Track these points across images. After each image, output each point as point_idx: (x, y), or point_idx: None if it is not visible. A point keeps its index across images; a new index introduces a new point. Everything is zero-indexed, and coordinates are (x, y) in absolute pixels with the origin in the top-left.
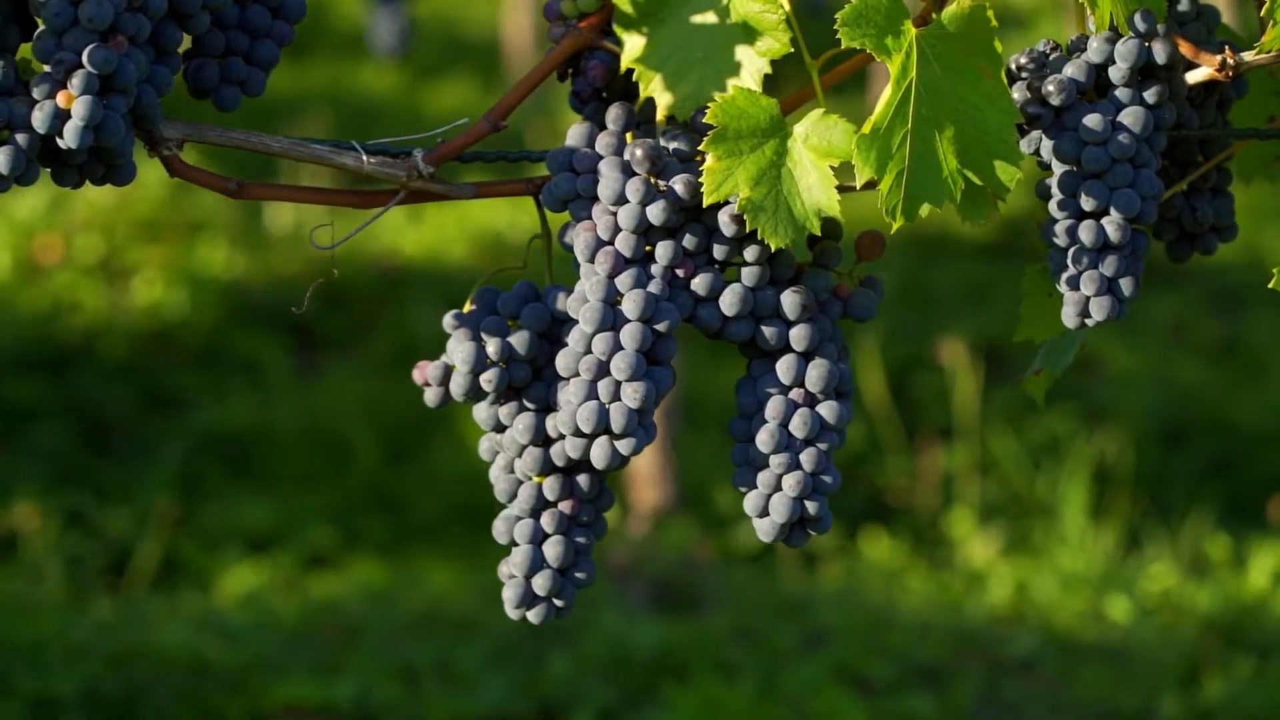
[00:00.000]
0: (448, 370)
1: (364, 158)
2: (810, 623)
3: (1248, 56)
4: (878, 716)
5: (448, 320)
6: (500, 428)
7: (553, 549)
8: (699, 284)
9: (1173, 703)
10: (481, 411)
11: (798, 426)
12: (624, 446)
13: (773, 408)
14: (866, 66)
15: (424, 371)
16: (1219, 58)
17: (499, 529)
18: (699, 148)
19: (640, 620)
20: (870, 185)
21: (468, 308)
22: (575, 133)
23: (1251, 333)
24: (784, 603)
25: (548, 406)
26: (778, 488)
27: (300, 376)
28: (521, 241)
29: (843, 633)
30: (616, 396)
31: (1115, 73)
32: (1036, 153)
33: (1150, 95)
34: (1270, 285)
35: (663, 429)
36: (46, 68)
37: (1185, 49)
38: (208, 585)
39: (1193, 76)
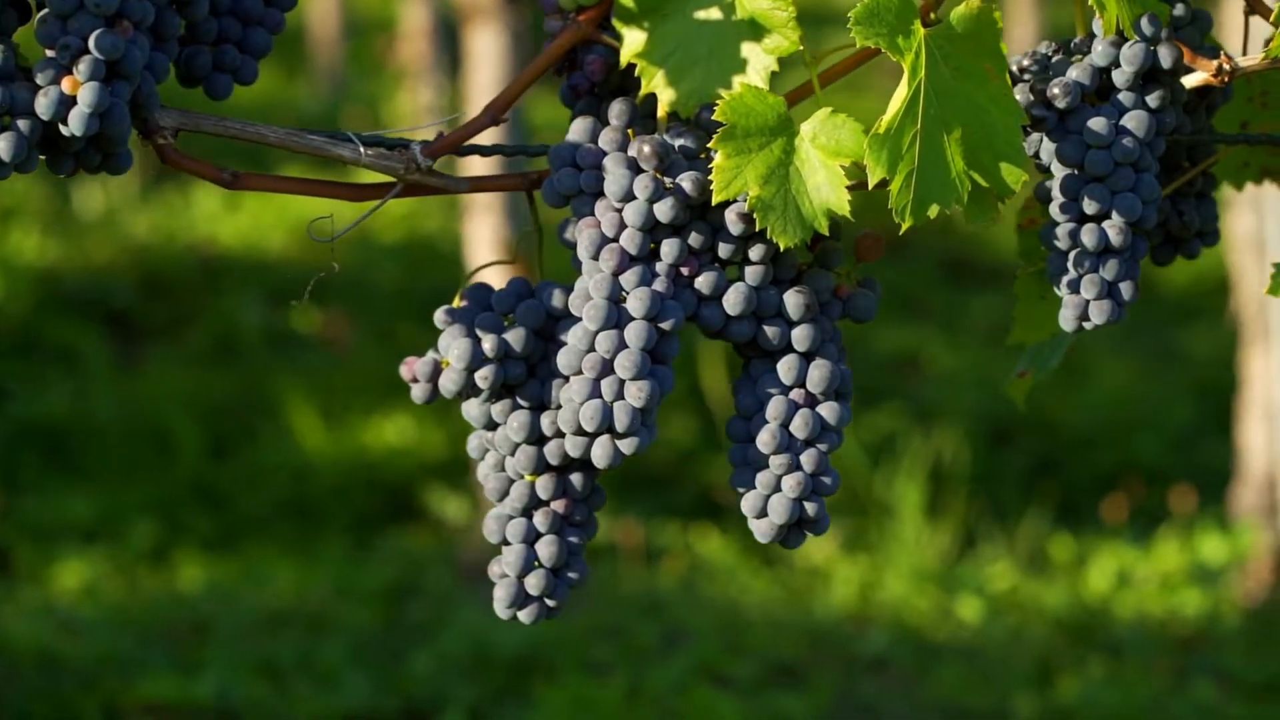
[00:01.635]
0: (437, 366)
1: (361, 150)
2: (668, 620)
3: (1243, 62)
4: (750, 715)
5: (439, 316)
6: (492, 425)
7: (546, 548)
8: (703, 282)
9: (1027, 702)
10: (473, 409)
11: (799, 427)
12: (626, 446)
13: (774, 408)
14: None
15: (412, 367)
16: (1215, 62)
17: (490, 528)
18: (708, 145)
19: (500, 618)
20: (882, 185)
21: (458, 303)
22: (578, 128)
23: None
24: (639, 601)
25: (541, 404)
26: (777, 489)
27: (119, 366)
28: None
29: (701, 631)
30: (620, 395)
31: (1119, 76)
32: (1035, 155)
33: (1152, 99)
34: (1266, 290)
35: None
36: (49, 53)
37: (1184, 54)
38: (38, 578)
39: (1188, 81)
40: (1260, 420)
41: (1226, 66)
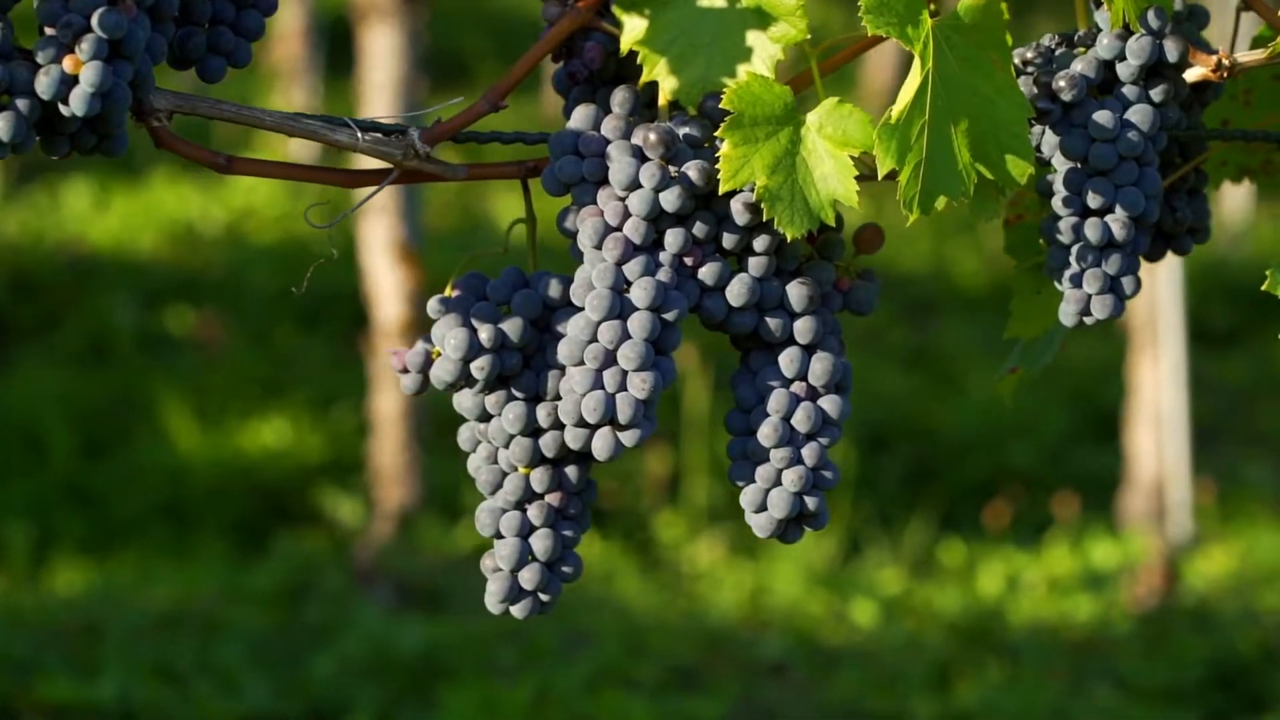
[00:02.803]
0: (428, 356)
1: (358, 135)
2: (567, 624)
3: (1242, 58)
4: (661, 716)
5: (433, 305)
6: (485, 417)
7: (540, 542)
8: (706, 273)
9: (926, 706)
10: (466, 400)
11: (801, 421)
12: (628, 438)
13: (775, 401)
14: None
15: (402, 357)
16: (1214, 58)
17: (483, 521)
18: (716, 133)
19: (402, 620)
20: (891, 176)
21: (449, 292)
22: (579, 115)
23: (940, 342)
24: None
25: (537, 396)
26: (777, 483)
27: None
28: (214, 233)
29: (601, 635)
30: (623, 386)
31: (1124, 70)
32: (1036, 148)
33: (1156, 93)
34: (1264, 288)
35: (408, 427)
36: (49, 31)
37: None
38: None
39: (1188, 76)
40: (1149, 427)
41: (1226, 62)
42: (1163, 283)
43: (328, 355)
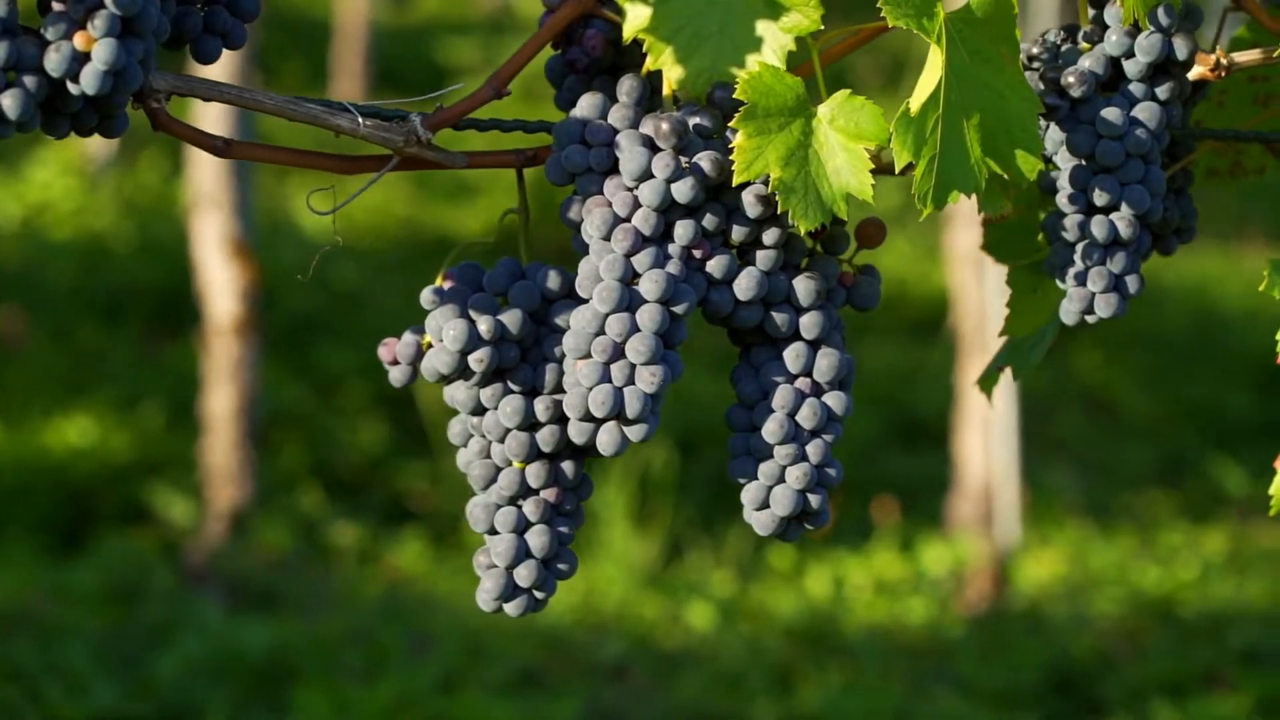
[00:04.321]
0: (419, 348)
1: (359, 120)
2: (409, 625)
3: (1239, 57)
4: (521, 717)
5: (427, 296)
6: (479, 410)
7: (537, 538)
8: (714, 266)
9: (770, 708)
10: (460, 393)
11: (806, 417)
12: (635, 433)
13: (780, 397)
14: None
15: (392, 349)
16: (1213, 57)
17: (477, 516)
18: (729, 124)
19: (242, 621)
20: (907, 169)
21: (441, 283)
22: (586, 104)
23: None
24: (376, 604)
25: (534, 389)
26: (781, 479)
27: None
28: (9, 227)
29: (442, 636)
30: (631, 380)
31: (1132, 67)
32: None
33: (1162, 91)
34: (1261, 288)
35: (242, 426)
36: (60, 6)
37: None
38: None
39: (1189, 75)
40: (978, 432)
41: (1224, 62)
42: (991, 290)
43: (131, 352)
